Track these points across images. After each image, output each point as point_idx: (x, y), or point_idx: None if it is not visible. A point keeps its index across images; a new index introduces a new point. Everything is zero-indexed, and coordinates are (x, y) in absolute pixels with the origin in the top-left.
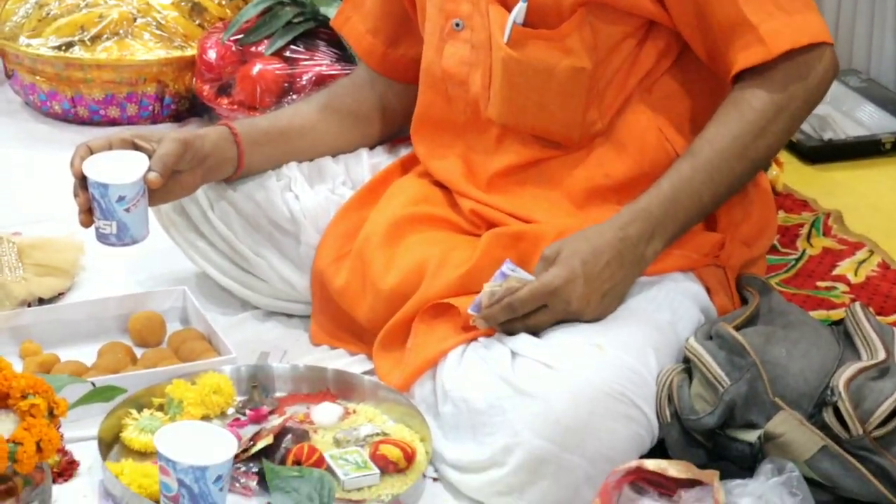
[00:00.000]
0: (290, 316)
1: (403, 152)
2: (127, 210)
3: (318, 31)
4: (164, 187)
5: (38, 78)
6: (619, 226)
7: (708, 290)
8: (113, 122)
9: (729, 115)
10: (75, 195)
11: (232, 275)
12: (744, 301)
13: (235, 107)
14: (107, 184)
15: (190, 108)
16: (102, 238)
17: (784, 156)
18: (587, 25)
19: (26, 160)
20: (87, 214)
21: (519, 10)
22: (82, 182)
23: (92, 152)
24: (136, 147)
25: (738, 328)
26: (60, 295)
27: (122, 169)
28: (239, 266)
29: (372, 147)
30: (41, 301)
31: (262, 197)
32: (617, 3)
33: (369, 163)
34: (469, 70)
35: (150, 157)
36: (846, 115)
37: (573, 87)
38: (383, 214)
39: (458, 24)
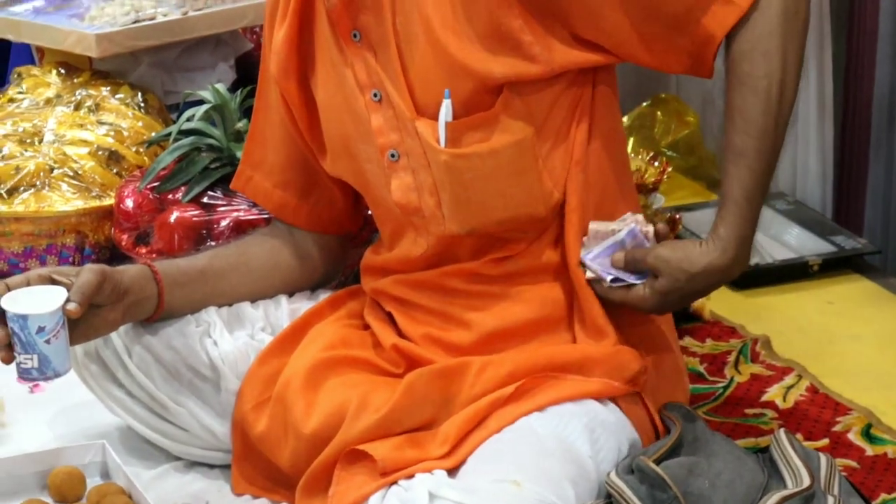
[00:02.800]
0: (211, 466)
1: (322, 297)
2: (47, 341)
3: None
4: (85, 322)
5: None
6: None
7: (631, 419)
8: None
9: (745, 98)
10: None
11: (151, 424)
12: (668, 430)
13: (154, 255)
14: (26, 314)
15: (110, 259)
16: (25, 373)
17: None
18: (515, 99)
19: None
20: (7, 350)
21: (446, 108)
22: (0, 317)
23: (10, 289)
24: (54, 282)
25: (660, 459)
26: None
27: (41, 301)
28: (158, 415)
29: (291, 293)
30: None
31: (180, 343)
32: (535, 75)
33: (288, 308)
34: (419, 195)
35: (68, 290)
36: (773, 238)
37: (522, 162)
38: (303, 359)
39: (393, 155)
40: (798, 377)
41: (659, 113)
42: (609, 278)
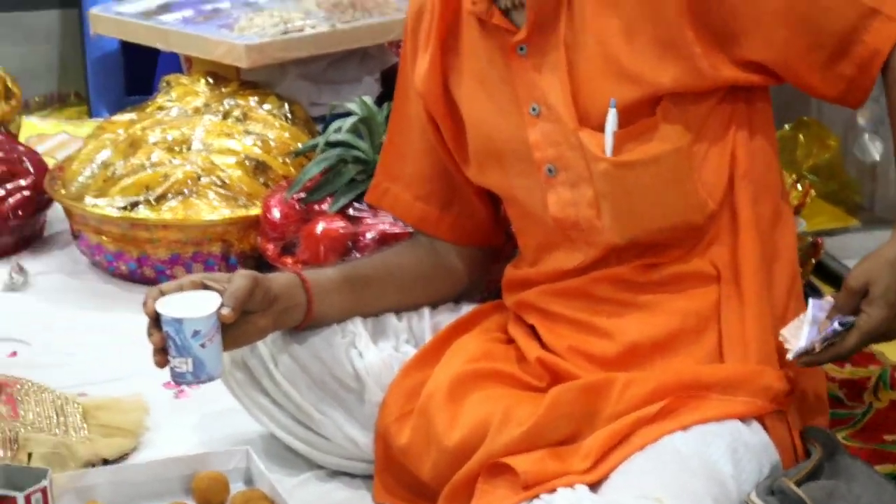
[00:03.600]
0: (353, 476)
1: (465, 310)
2: (202, 345)
3: None
4: (237, 328)
5: (104, 238)
6: None
7: (773, 441)
8: None
9: None
10: (149, 335)
11: (295, 433)
12: (807, 453)
13: (299, 266)
14: (181, 318)
15: (256, 268)
16: (178, 377)
17: None
18: (673, 110)
19: (92, 321)
20: (162, 354)
21: (613, 117)
22: (155, 321)
23: (164, 294)
24: (207, 287)
25: (800, 482)
26: (125, 455)
27: (195, 306)
28: (302, 424)
29: (434, 305)
30: (105, 462)
31: (326, 354)
32: (698, 87)
33: (432, 320)
34: (576, 209)
35: (221, 295)
36: None
37: (680, 170)
38: (446, 372)
39: (550, 170)
40: None
41: (801, 136)
42: (821, 339)
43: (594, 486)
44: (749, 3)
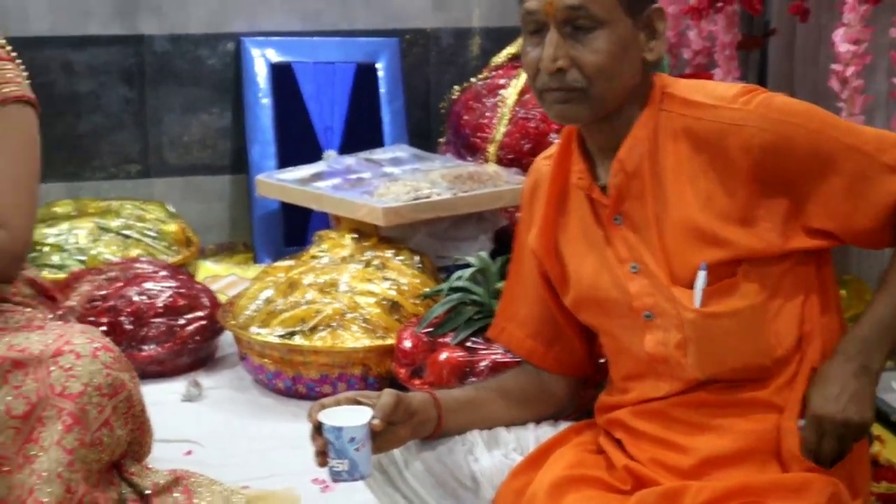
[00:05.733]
0: None
1: (563, 426)
2: (357, 449)
3: None
4: (383, 436)
5: (265, 360)
6: (844, 359)
7: None
8: None
9: None
10: (312, 440)
11: None
12: None
13: (426, 387)
14: (341, 427)
15: (389, 388)
16: (336, 475)
17: (883, 433)
18: (751, 272)
19: (254, 427)
20: (322, 456)
21: (702, 276)
22: (318, 429)
23: (324, 407)
24: (359, 402)
25: None
26: None
27: (351, 417)
28: None
29: (538, 422)
30: None
31: (449, 459)
32: (771, 253)
33: (535, 434)
34: (667, 348)
35: (371, 409)
36: None
37: (755, 322)
38: (547, 476)
39: (648, 315)
40: None
41: (844, 292)
42: None
43: None
44: (812, 184)
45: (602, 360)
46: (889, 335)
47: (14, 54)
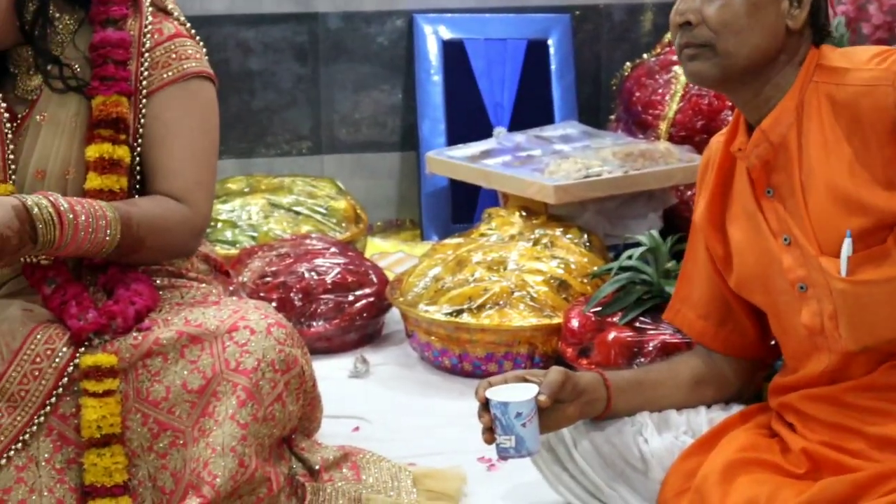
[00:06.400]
0: None
1: (735, 409)
2: (523, 425)
3: (663, 306)
4: (550, 414)
5: (432, 338)
6: None
7: None
8: (492, 376)
9: None
10: (479, 416)
11: (588, 503)
12: None
13: (593, 367)
14: (507, 402)
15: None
16: (503, 451)
17: None
18: None
19: (420, 404)
20: (490, 433)
21: (847, 245)
22: (485, 406)
23: (491, 385)
24: (526, 380)
25: None
26: None
27: (518, 393)
28: (595, 497)
29: (709, 405)
30: None
31: (618, 440)
32: None
33: (707, 417)
34: (822, 319)
35: (538, 386)
36: None
37: None
38: (720, 458)
39: (802, 287)
40: None
41: None
42: None
43: None
44: None
45: (774, 343)
46: None
47: (193, 31)
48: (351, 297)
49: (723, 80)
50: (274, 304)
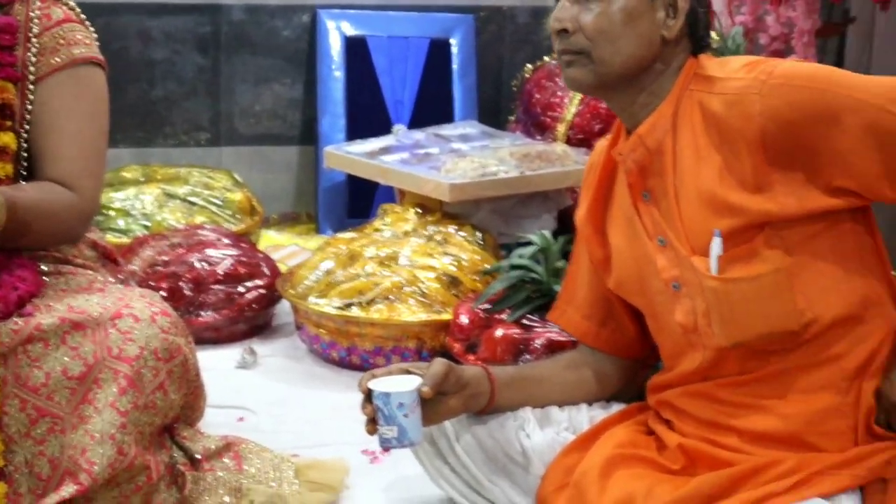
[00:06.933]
0: None
1: (616, 408)
2: (406, 416)
3: (551, 305)
4: (433, 406)
5: (321, 330)
6: None
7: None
8: None
9: None
10: (363, 408)
11: (469, 498)
12: None
13: (479, 363)
14: (389, 392)
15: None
16: (385, 442)
17: None
18: (774, 237)
19: (307, 397)
20: (372, 423)
21: (717, 244)
22: (368, 397)
23: (375, 377)
24: (410, 372)
25: None
26: None
27: (401, 384)
28: (475, 491)
29: (590, 403)
30: None
31: (500, 435)
32: (798, 216)
33: (588, 414)
34: (695, 317)
35: (421, 378)
36: None
37: (779, 286)
38: (599, 454)
39: (675, 286)
40: None
41: None
42: None
43: None
44: (825, 142)
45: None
46: None
47: (84, 16)
48: (241, 289)
49: (599, 87)
50: (163, 293)
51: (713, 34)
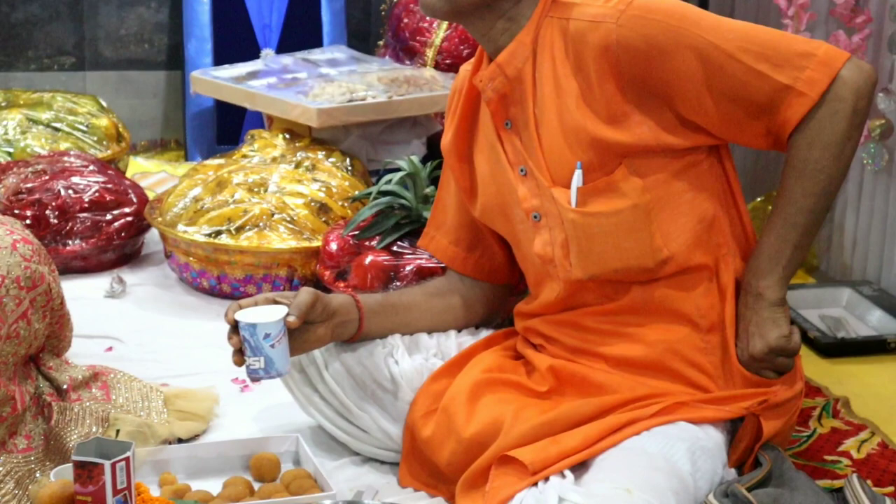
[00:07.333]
0: (383, 462)
1: (484, 334)
2: (272, 346)
3: (421, 231)
4: (301, 335)
5: (191, 259)
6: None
7: (733, 440)
8: None
9: (799, 182)
10: (229, 339)
11: (338, 424)
12: (758, 464)
13: (350, 290)
14: (255, 323)
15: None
16: (252, 373)
17: (803, 350)
18: (633, 171)
19: (176, 326)
20: (239, 355)
21: (578, 175)
22: (234, 328)
23: (241, 308)
24: (276, 302)
25: (750, 489)
26: (196, 436)
27: (267, 315)
28: (345, 418)
29: (459, 329)
30: (180, 440)
31: (369, 361)
32: (653, 149)
33: (457, 341)
34: (553, 248)
35: (288, 307)
36: (858, 318)
37: (637, 222)
38: (467, 379)
39: (535, 216)
40: (871, 434)
41: (769, 207)
42: None
43: (578, 478)
44: (675, 79)
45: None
46: (790, 269)
47: None
48: (109, 217)
49: (452, 13)
50: (28, 221)
51: None
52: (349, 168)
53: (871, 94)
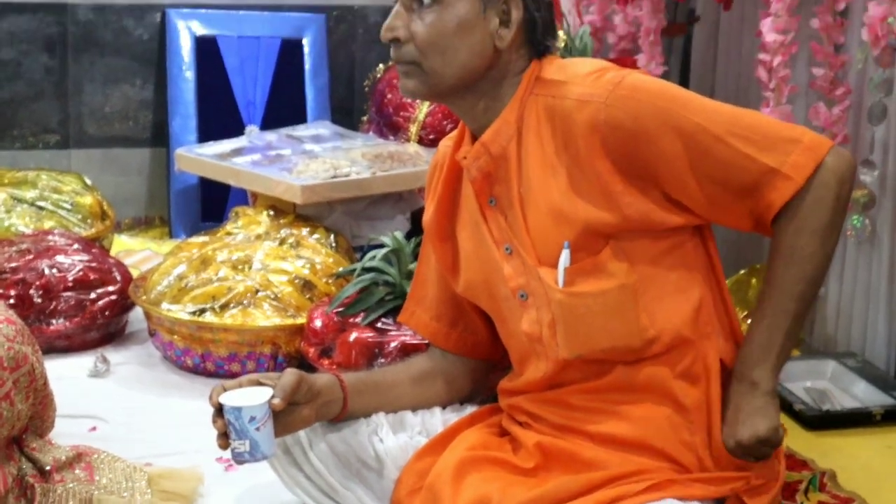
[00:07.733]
0: None
1: (468, 410)
2: (258, 429)
3: None
4: (286, 417)
5: (175, 337)
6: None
7: None
8: (235, 376)
9: (787, 269)
10: (214, 422)
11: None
12: None
13: (334, 367)
14: (240, 407)
15: (299, 367)
16: (238, 456)
17: (787, 422)
18: (620, 251)
19: (160, 405)
20: (224, 438)
21: (565, 255)
22: (219, 411)
23: (226, 390)
24: (261, 384)
25: None
26: None
27: (252, 397)
28: (330, 497)
29: (444, 406)
30: None
31: (354, 440)
32: (640, 229)
33: (442, 418)
34: (541, 327)
35: (272, 389)
36: (843, 390)
37: (624, 303)
38: (452, 457)
39: (522, 295)
40: None
41: (753, 280)
42: None
43: None
44: (662, 161)
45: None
46: (782, 357)
47: None
48: (93, 295)
49: (433, 96)
50: (12, 300)
51: (561, 34)
52: (333, 244)
53: (853, 180)
